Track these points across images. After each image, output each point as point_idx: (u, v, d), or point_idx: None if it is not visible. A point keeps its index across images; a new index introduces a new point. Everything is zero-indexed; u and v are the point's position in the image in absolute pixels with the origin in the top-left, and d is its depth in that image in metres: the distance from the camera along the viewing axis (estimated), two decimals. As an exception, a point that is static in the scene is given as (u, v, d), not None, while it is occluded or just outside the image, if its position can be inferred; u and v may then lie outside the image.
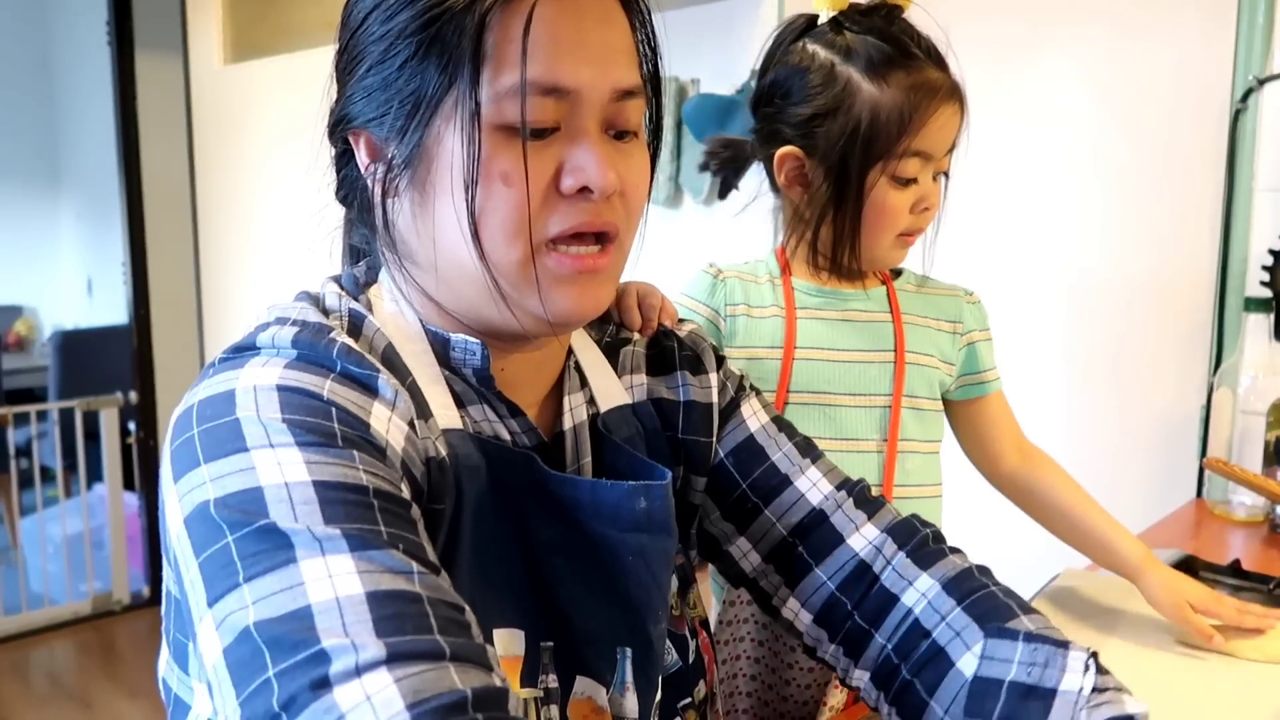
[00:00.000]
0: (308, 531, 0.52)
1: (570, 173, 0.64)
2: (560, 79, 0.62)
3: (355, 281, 0.73)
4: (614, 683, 0.70)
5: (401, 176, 0.66)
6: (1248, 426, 1.48)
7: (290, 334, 0.63)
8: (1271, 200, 1.55)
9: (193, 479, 0.56)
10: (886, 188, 1.01)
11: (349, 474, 0.55)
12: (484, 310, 0.68)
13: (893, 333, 1.09)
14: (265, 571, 0.51)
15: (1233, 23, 1.55)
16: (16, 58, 5.15)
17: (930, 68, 1.00)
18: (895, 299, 1.11)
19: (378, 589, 0.51)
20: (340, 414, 0.58)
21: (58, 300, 5.37)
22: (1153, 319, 1.67)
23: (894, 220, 1.03)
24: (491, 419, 0.70)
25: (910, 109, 0.98)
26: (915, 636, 0.75)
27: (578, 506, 0.69)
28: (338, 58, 0.71)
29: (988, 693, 0.69)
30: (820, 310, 1.08)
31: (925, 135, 0.99)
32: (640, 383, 0.81)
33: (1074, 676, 0.67)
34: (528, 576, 0.68)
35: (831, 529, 0.80)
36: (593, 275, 0.66)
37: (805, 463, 0.82)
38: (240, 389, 0.58)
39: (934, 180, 1.04)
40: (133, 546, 3.70)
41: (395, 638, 0.49)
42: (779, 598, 0.81)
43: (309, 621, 0.49)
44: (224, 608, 0.51)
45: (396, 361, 0.67)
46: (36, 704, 3.01)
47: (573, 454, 0.75)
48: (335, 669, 0.47)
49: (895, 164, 1.00)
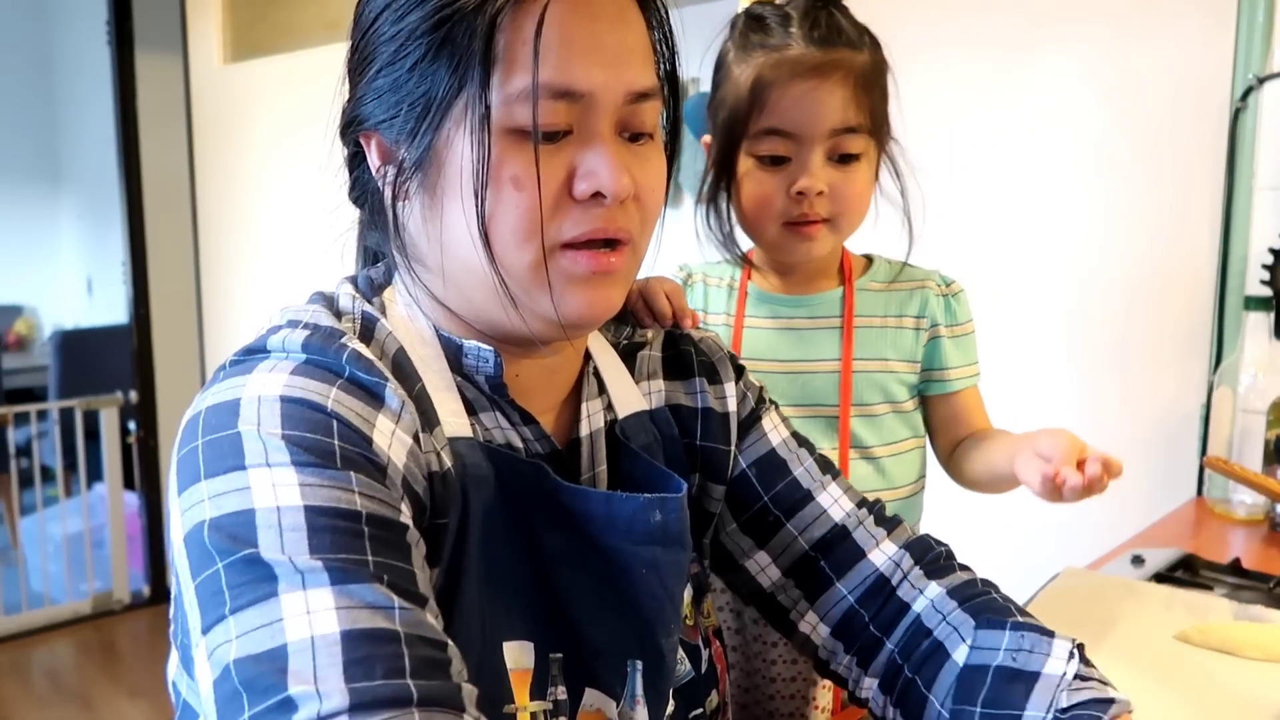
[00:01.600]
0: (290, 563, 0.52)
1: (583, 177, 0.63)
2: (573, 82, 0.61)
3: (371, 283, 0.72)
4: (624, 695, 0.69)
5: (412, 180, 0.65)
6: (1248, 425, 1.48)
7: (301, 337, 0.62)
8: (1272, 199, 1.55)
9: (193, 495, 0.56)
10: (752, 168, 1.00)
11: (343, 498, 0.55)
12: (494, 315, 0.67)
13: (839, 340, 1.07)
14: (249, 605, 0.52)
15: (1233, 21, 1.54)
16: (16, 57, 5.15)
17: (795, 44, 0.97)
18: (851, 302, 1.08)
19: (354, 627, 0.51)
20: (341, 429, 0.58)
21: (58, 299, 5.37)
22: (1153, 317, 1.67)
23: (767, 204, 1.00)
24: (503, 426, 0.69)
25: (761, 85, 0.97)
26: (919, 637, 0.76)
27: (590, 519, 0.68)
28: (350, 57, 0.70)
29: (975, 679, 0.70)
30: (764, 320, 1.07)
31: (776, 111, 0.97)
32: (658, 389, 0.80)
33: (1057, 662, 0.69)
34: (537, 588, 0.67)
35: (854, 544, 0.80)
36: (606, 277, 0.65)
37: (826, 479, 0.83)
38: (245, 399, 0.58)
39: (836, 163, 0.99)
40: (133, 546, 3.70)
41: (363, 683, 0.49)
42: (797, 611, 0.82)
43: (283, 663, 0.50)
44: (213, 639, 0.52)
45: (407, 367, 0.66)
46: (37, 704, 3.01)
47: (588, 462, 0.74)
48: (299, 717, 0.48)
49: (753, 143, 0.99)
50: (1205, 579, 1.19)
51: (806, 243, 1.02)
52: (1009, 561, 1.01)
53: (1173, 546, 1.26)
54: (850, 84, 0.97)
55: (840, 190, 1.00)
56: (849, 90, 0.97)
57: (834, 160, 0.99)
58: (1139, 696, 0.68)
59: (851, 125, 0.98)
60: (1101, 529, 1.49)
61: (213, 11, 3.52)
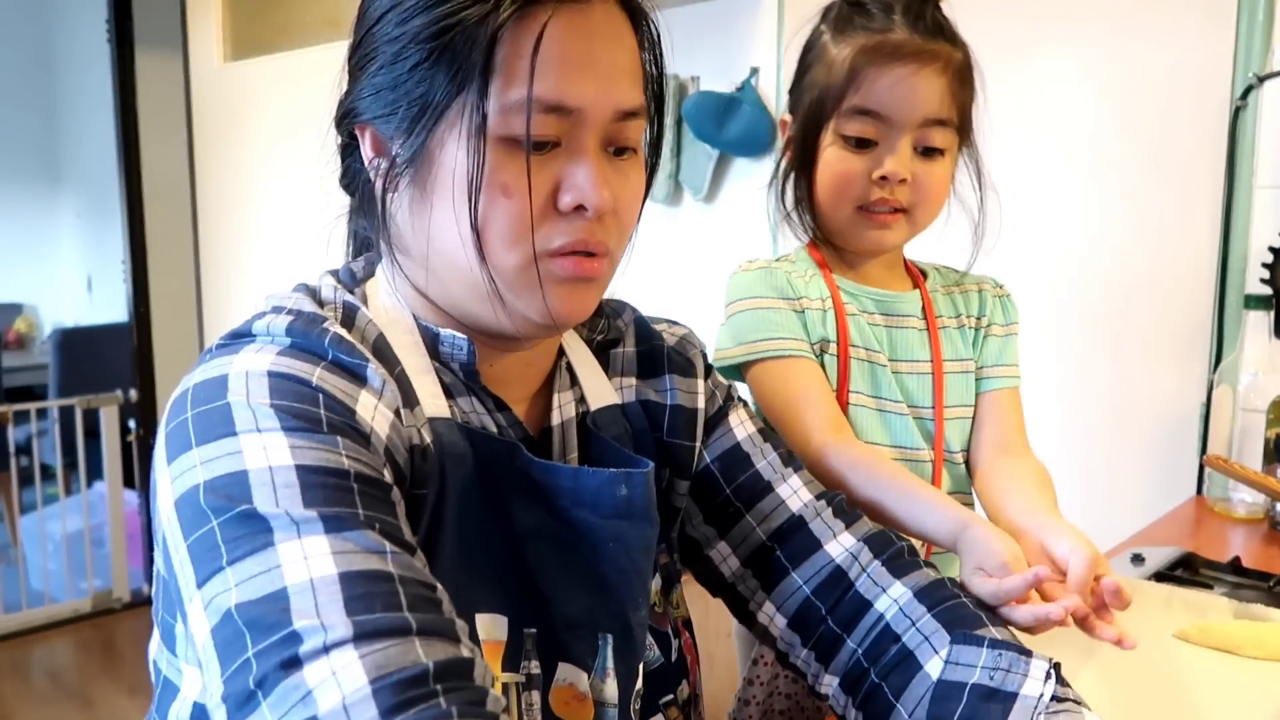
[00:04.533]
0: (286, 515, 0.54)
1: (568, 190, 0.66)
2: (565, 98, 0.64)
3: (352, 276, 0.75)
4: (594, 668, 0.71)
5: (403, 174, 0.67)
6: (1248, 424, 1.48)
7: (285, 322, 0.64)
8: (1271, 198, 1.55)
9: (184, 461, 0.58)
10: (836, 148, 1.00)
11: (331, 458, 0.58)
12: (473, 309, 0.69)
13: (927, 340, 1.06)
14: (246, 555, 0.54)
15: (1233, 20, 1.55)
16: (16, 55, 5.14)
17: (897, 29, 0.97)
18: (930, 303, 1.07)
19: (350, 569, 0.53)
20: (327, 400, 0.60)
21: (58, 298, 5.37)
22: (1153, 316, 1.67)
23: (846, 185, 1.00)
24: (480, 411, 0.72)
25: (857, 65, 0.97)
26: (885, 641, 0.76)
27: (559, 493, 0.70)
28: (351, 51, 0.72)
29: (950, 695, 0.71)
30: (855, 310, 1.05)
31: (871, 92, 0.97)
32: (630, 384, 0.83)
33: (1035, 683, 0.69)
34: (510, 562, 0.69)
35: (810, 535, 0.82)
36: (588, 282, 0.69)
37: (788, 471, 0.85)
38: (233, 374, 0.60)
39: (920, 155, 0.99)
40: (133, 544, 3.70)
41: (363, 616, 0.52)
42: (755, 602, 0.83)
43: (284, 603, 0.52)
44: (210, 590, 0.54)
45: (386, 351, 0.68)
46: (36, 702, 3.02)
47: (559, 449, 0.76)
48: (305, 648, 0.50)
49: (842, 122, 0.98)
50: (1205, 577, 1.19)
51: (880, 230, 1.01)
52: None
53: (1173, 545, 1.27)
54: (948, 76, 0.98)
55: (922, 181, 0.99)
56: (945, 81, 0.97)
57: (919, 151, 0.99)
58: (1138, 695, 0.68)
59: (942, 118, 0.98)
60: (1101, 527, 1.49)
61: (213, 10, 3.52)
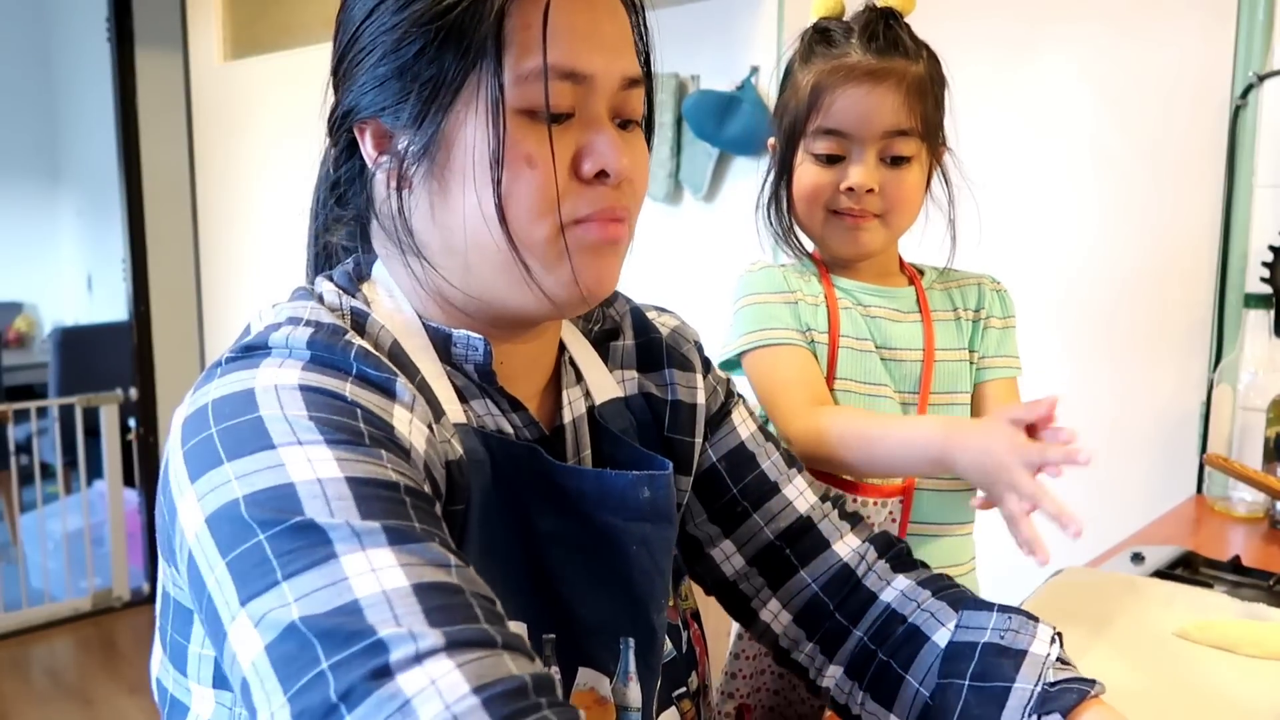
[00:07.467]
0: (346, 525, 0.52)
1: (589, 157, 0.66)
2: (578, 64, 0.64)
3: (350, 279, 0.73)
4: (617, 672, 0.70)
5: (418, 165, 0.66)
6: (1248, 422, 1.48)
7: (305, 335, 0.62)
8: (1272, 196, 1.55)
9: (214, 478, 0.54)
10: (808, 164, 1.07)
11: (379, 471, 0.55)
12: (501, 293, 0.68)
13: (921, 332, 1.10)
14: (305, 568, 0.50)
15: (1233, 19, 1.55)
16: (17, 54, 5.15)
17: (854, 52, 1.03)
18: (924, 297, 1.13)
19: (422, 581, 0.51)
20: (365, 414, 0.58)
21: (58, 296, 5.37)
22: (1153, 315, 1.67)
23: (816, 194, 1.06)
24: (494, 413, 0.71)
25: (818, 88, 1.04)
26: (892, 623, 0.80)
27: (582, 497, 0.70)
28: (339, 55, 0.70)
29: (961, 655, 0.74)
30: (850, 304, 1.10)
31: (831, 113, 1.03)
32: (631, 377, 0.82)
33: (1042, 643, 0.73)
34: (530, 569, 0.68)
35: (819, 535, 0.84)
36: (613, 246, 0.69)
37: (792, 472, 0.87)
38: (260, 388, 0.57)
39: (889, 164, 1.04)
40: (133, 543, 3.70)
41: (449, 626, 0.49)
42: (759, 599, 0.85)
43: (360, 615, 0.48)
44: (261, 605, 0.50)
45: (403, 358, 0.67)
46: (36, 701, 3.02)
47: (573, 446, 0.76)
48: (395, 657, 0.47)
49: (811, 142, 1.06)
50: (1205, 576, 1.20)
51: (854, 232, 1.07)
52: (1009, 559, 1.01)
53: (1173, 544, 1.27)
54: (902, 90, 1.03)
55: (890, 189, 1.05)
56: (901, 96, 1.03)
57: (886, 161, 1.05)
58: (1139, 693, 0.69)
59: (903, 128, 1.03)
60: (1101, 526, 1.49)
61: (213, 8, 3.52)
